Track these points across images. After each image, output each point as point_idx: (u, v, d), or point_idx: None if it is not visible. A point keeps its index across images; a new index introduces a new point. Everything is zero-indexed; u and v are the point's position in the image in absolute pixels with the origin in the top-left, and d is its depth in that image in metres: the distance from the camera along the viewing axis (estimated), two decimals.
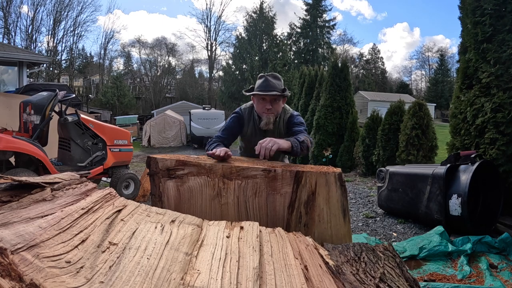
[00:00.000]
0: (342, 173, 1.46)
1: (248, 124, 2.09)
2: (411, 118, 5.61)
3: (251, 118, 2.08)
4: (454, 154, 3.63)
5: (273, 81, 1.96)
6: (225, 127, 2.10)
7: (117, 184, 4.91)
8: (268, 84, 1.94)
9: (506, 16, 3.57)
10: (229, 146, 2.00)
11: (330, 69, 8.59)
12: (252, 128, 2.09)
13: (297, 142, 1.74)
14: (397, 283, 1.00)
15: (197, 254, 0.92)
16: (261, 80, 1.98)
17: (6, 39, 27.87)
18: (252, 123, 2.08)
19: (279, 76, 2.03)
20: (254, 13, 34.48)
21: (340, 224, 1.43)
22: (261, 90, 1.94)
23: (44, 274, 0.65)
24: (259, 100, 1.97)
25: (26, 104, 4.37)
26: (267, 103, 1.95)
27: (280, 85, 1.98)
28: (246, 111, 2.11)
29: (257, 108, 2.02)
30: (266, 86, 1.93)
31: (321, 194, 1.41)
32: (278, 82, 1.98)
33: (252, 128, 2.09)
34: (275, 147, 1.62)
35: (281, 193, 1.43)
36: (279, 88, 1.96)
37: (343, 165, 7.89)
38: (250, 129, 2.09)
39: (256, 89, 1.99)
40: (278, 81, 1.99)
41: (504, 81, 3.55)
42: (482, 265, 2.61)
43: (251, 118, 2.08)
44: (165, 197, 1.49)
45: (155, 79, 36.63)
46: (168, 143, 16.05)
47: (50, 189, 1.03)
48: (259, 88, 1.96)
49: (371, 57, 43.27)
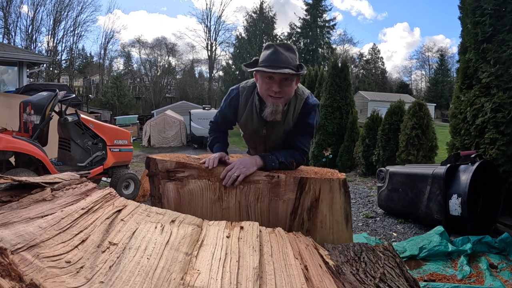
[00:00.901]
0: (346, 179, 1.43)
1: (244, 107, 1.64)
2: (411, 118, 5.62)
3: (249, 100, 1.62)
4: (454, 154, 3.63)
5: (285, 53, 1.44)
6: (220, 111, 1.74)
7: (117, 184, 4.91)
8: (278, 58, 1.42)
9: (506, 16, 3.57)
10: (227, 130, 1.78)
11: (330, 69, 8.59)
12: (248, 114, 1.63)
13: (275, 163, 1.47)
14: (397, 283, 1.00)
15: (197, 254, 0.92)
16: (269, 52, 1.45)
17: (6, 39, 27.91)
18: (250, 107, 1.62)
19: (292, 47, 1.50)
20: (254, 13, 34.52)
21: (342, 230, 1.42)
22: (268, 66, 1.42)
23: (44, 274, 0.65)
24: (264, 79, 1.47)
25: (26, 104, 4.37)
26: (274, 84, 1.44)
27: (295, 60, 1.46)
28: (244, 91, 1.64)
29: (260, 89, 1.52)
30: (276, 60, 1.41)
31: (325, 200, 1.39)
32: (292, 56, 1.46)
33: (249, 114, 1.64)
34: (241, 177, 1.37)
35: (284, 199, 1.41)
36: (293, 64, 1.44)
37: (343, 165, 7.90)
38: (246, 112, 1.64)
39: (261, 63, 1.46)
40: (292, 54, 1.46)
41: (504, 81, 3.55)
42: (482, 265, 2.61)
43: (248, 100, 1.63)
44: (165, 199, 1.48)
45: (155, 79, 36.65)
46: (168, 143, 16.05)
47: (50, 189, 1.03)
48: (265, 62, 1.43)
49: (371, 57, 43.30)
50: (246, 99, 1.63)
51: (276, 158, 1.49)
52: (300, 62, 1.49)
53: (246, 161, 1.44)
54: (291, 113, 1.58)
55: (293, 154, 1.55)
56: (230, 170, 1.40)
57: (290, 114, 1.58)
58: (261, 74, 1.48)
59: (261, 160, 1.46)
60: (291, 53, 1.46)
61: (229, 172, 1.40)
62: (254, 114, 1.62)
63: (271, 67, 1.41)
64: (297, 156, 1.57)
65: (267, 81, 1.46)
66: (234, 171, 1.39)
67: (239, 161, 1.43)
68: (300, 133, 1.60)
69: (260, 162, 1.46)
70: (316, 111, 1.61)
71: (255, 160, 1.45)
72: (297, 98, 1.57)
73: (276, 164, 1.48)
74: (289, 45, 1.49)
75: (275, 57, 1.42)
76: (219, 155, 1.49)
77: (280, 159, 1.49)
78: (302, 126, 1.59)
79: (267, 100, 1.49)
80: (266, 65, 1.42)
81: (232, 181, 1.38)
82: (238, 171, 1.39)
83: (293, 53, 1.47)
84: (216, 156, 1.47)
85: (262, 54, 1.50)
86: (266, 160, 1.47)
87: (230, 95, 1.68)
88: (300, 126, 1.59)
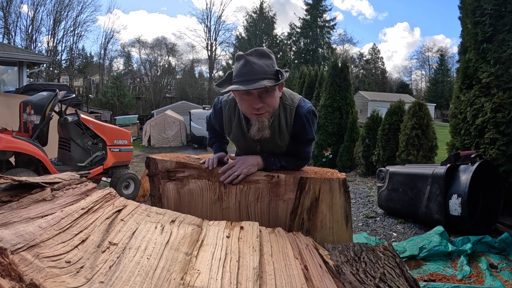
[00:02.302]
0: (346, 179, 1.43)
1: (231, 124, 1.48)
2: (411, 118, 5.62)
3: (233, 117, 1.46)
4: (454, 154, 3.63)
5: (258, 62, 1.24)
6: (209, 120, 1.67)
7: (117, 184, 4.91)
8: (251, 70, 1.23)
9: (506, 16, 3.57)
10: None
11: (330, 69, 8.59)
12: (237, 129, 1.48)
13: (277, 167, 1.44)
14: (397, 283, 1.00)
15: (197, 254, 0.92)
16: (240, 64, 1.26)
17: (6, 39, 27.91)
18: (237, 124, 1.47)
19: (266, 52, 1.30)
20: (254, 13, 34.55)
21: (342, 230, 1.42)
22: (241, 81, 1.23)
23: (44, 274, 0.65)
24: (242, 95, 1.29)
25: (26, 104, 4.37)
26: (254, 100, 1.27)
27: (270, 66, 1.27)
28: (227, 105, 1.47)
29: (241, 107, 1.35)
30: (249, 73, 1.22)
31: (325, 200, 1.39)
32: (268, 62, 1.27)
33: (237, 133, 1.49)
34: (242, 177, 1.35)
35: (284, 199, 1.41)
36: (270, 72, 1.25)
37: (343, 165, 7.90)
38: (234, 131, 1.49)
39: (234, 78, 1.28)
40: (267, 60, 1.27)
41: (504, 81, 3.55)
42: (482, 265, 2.61)
43: (232, 116, 1.47)
44: (164, 199, 1.48)
45: (155, 79, 36.65)
46: (168, 143, 16.05)
47: (50, 189, 1.03)
48: (238, 77, 1.25)
49: (371, 57, 43.31)
50: (229, 116, 1.47)
51: (278, 162, 1.45)
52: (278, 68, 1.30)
53: (248, 160, 1.42)
54: (283, 126, 1.42)
55: (297, 163, 1.51)
56: (231, 168, 1.39)
57: (282, 126, 1.42)
58: (236, 92, 1.31)
59: (262, 162, 1.44)
60: (266, 59, 1.27)
61: (230, 170, 1.39)
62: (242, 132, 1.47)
63: (245, 82, 1.22)
64: (301, 164, 1.53)
65: (245, 98, 1.29)
66: (235, 170, 1.38)
67: (241, 160, 1.42)
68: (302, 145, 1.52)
69: (261, 163, 1.44)
70: (311, 119, 1.45)
71: (257, 160, 1.43)
72: (287, 109, 1.41)
73: (277, 167, 1.46)
74: (262, 50, 1.30)
75: (248, 69, 1.23)
76: (218, 156, 1.47)
77: (281, 162, 1.46)
78: (301, 140, 1.49)
79: (251, 117, 1.34)
80: (239, 80, 1.24)
81: (232, 179, 1.37)
82: (239, 170, 1.38)
83: (269, 58, 1.28)
84: (216, 156, 1.46)
85: (234, 67, 1.31)
86: (267, 162, 1.44)
87: (215, 107, 1.53)
88: (299, 140, 1.49)
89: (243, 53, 1.28)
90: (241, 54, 1.28)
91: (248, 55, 1.26)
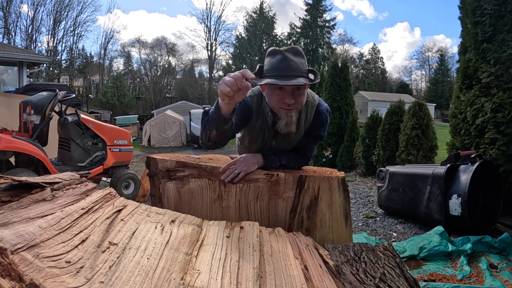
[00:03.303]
0: (345, 177, 1.44)
1: (257, 119, 1.47)
2: (411, 118, 5.62)
3: (261, 112, 1.46)
4: (454, 154, 3.63)
5: (295, 59, 1.27)
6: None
7: (117, 184, 4.91)
8: (288, 66, 1.25)
9: (506, 16, 3.57)
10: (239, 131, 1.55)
11: (330, 69, 8.60)
12: (261, 126, 1.48)
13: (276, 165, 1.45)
14: (397, 283, 1.00)
15: (197, 254, 0.92)
16: (277, 59, 1.27)
17: (6, 39, 27.93)
18: (262, 119, 1.47)
19: (301, 51, 1.32)
20: (254, 13, 34.57)
21: (341, 228, 1.42)
22: (278, 76, 1.24)
23: (44, 274, 0.65)
24: (274, 90, 1.31)
25: (26, 104, 4.37)
26: (286, 96, 1.29)
27: (304, 65, 1.30)
28: (254, 100, 1.45)
29: (270, 101, 1.36)
30: (286, 69, 1.24)
31: (324, 199, 1.40)
32: (302, 61, 1.29)
33: (262, 126, 1.48)
34: (242, 175, 1.37)
35: (284, 197, 1.42)
36: (304, 70, 1.28)
37: (343, 165, 7.90)
38: (258, 126, 1.49)
39: (267, 71, 1.28)
40: (301, 59, 1.30)
41: (504, 81, 3.55)
42: (482, 265, 2.61)
43: (260, 112, 1.46)
44: (165, 198, 1.48)
45: (155, 79, 36.66)
46: (168, 143, 16.05)
47: (50, 189, 1.03)
48: (274, 72, 1.26)
49: (371, 57, 43.33)
50: (257, 110, 1.45)
51: (278, 159, 1.46)
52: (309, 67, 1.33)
53: (248, 159, 1.43)
54: (303, 122, 1.45)
55: (298, 160, 1.52)
56: (231, 167, 1.40)
57: (302, 122, 1.45)
58: (271, 86, 1.31)
59: (262, 160, 1.45)
60: (300, 58, 1.30)
61: (230, 168, 1.40)
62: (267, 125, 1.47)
63: (282, 77, 1.23)
64: (303, 162, 1.54)
65: (277, 92, 1.30)
66: (235, 168, 1.39)
67: (241, 158, 1.43)
68: (311, 141, 1.55)
69: (261, 161, 1.45)
70: (328, 118, 1.50)
71: (257, 159, 1.44)
72: (308, 105, 1.44)
73: (276, 166, 1.47)
74: (297, 49, 1.31)
75: (285, 65, 1.25)
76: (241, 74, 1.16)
77: (282, 161, 1.47)
78: (314, 136, 1.51)
79: (279, 111, 1.35)
80: (276, 74, 1.25)
81: (233, 178, 1.38)
82: (239, 168, 1.39)
83: (302, 57, 1.31)
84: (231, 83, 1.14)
85: (267, 61, 1.32)
86: (267, 160, 1.46)
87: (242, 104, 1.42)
88: (312, 135, 1.51)
89: (280, 49, 1.30)
90: (277, 49, 1.30)
91: (285, 52, 1.28)
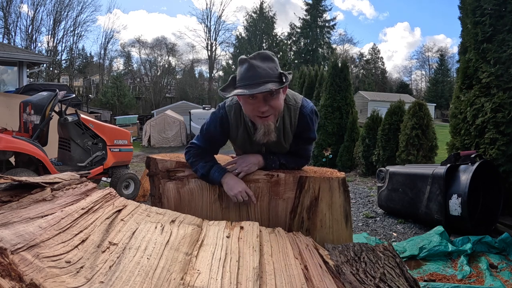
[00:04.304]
0: (345, 178, 1.44)
1: (237, 130, 1.46)
2: (411, 118, 5.61)
3: (241, 122, 1.44)
4: (454, 154, 3.63)
5: (262, 65, 1.24)
6: (206, 133, 1.48)
7: (117, 184, 4.91)
8: (255, 74, 1.22)
9: (506, 16, 3.57)
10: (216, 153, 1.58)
11: (330, 69, 8.59)
12: (243, 135, 1.46)
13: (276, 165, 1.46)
14: (397, 283, 1.00)
15: (197, 254, 0.92)
16: (244, 68, 1.26)
17: (6, 39, 27.91)
18: (243, 128, 1.45)
19: (269, 55, 1.30)
20: (254, 13, 34.55)
21: (342, 229, 1.42)
22: (245, 85, 1.23)
23: (44, 274, 0.65)
24: (247, 99, 1.29)
25: (26, 104, 4.37)
26: (259, 103, 1.26)
27: (274, 69, 1.27)
28: (232, 110, 1.43)
29: (245, 111, 1.35)
30: (253, 77, 1.22)
31: (324, 199, 1.40)
32: (271, 65, 1.27)
33: (244, 136, 1.46)
34: (242, 175, 1.39)
35: (284, 198, 1.42)
36: (274, 75, 1.25)
37: (343, 165, 7.89)
38: (240, 136, 1.47)
39: (238, 82, 1.28)
40: (271, 63, 1.27)
41: (504, 81, 3.55)
42: (482, 265, 2.61)
43: (240, 121, 1.44)
44: (165, 198, 1.48)
45: (155, 79, 36.65)
46: (168, 143, 16.05)
47: (50, 189, 1.03)
48: (242, 81, 1.25)
49: (371, 57, 43.31)
50: (236, 120, 1.44)
51: (278, 159, 1.47)
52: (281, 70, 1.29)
53: (249, 159, 1.43)
54: (288, 126, 1.43)
55: (297, 161, 1.53)
56: (231, 166, 1.41)
57: (287, 127, 1.43)
58: (241, 96, 1.30)
59: (263, 161, 1.46)
60: (269, 62, 1.27)
61: (230, 167, 1.41)
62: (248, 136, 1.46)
63: (249, 86, 1.21)
64: (302, 162, 1.55)
65: (250, 101, 1.28)
66: (235, 167, 1.40)
67: (242, 158, 1.44)
68: (303, 143, 1.53)
69: (262, 162, 1.46)
70: (314, 119, 1.47)
71: (258, 159, 1.45)
72: (291, 109, 1.41)
73: (276, 165, 1.48)
74: (265, 54, 1.29)
75: (252, 73, 1.23)
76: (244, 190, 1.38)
77: (281, 160, 1.48)
78: (304, 138, 1.50)
79: (256, 120, 1.32)
80: (243, 84, 1.24)
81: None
82: (240, 168, 1.40)
83: (272, 61, 1.28)
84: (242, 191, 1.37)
85: (237, 71, 1.31)
86: (267, 161, 1.46)
87: (217, 115, 1.46)
88: (302, 138, 1.49)
89: (246, 57, 1.27)
90: (244, 58, 1.28)
91: (252, 59, 1.26)
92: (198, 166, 1.42)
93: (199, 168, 1.42)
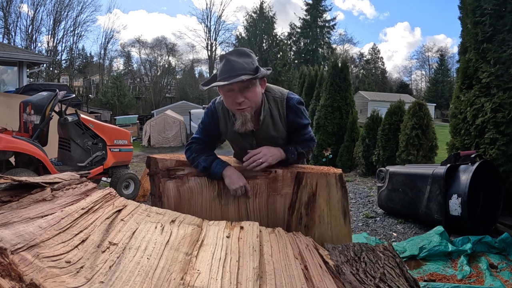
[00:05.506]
0: (342, 174, 1.45)
1: (226, 124, 1.57)
2: (411, 118, 5.61)
3: (228, 116, 1.55)
4: (454, 154, 3.63)
5: (238, 60, 1.35)
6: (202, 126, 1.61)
7: (117, 184, 4.91)
8: (231, 67, 1.33)
9: (506, 16, 3.57)
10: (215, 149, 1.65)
11: (330, 69, 8.59)
12: (231, 129, 1.55)
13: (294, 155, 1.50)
14: (397, 283, 1.00)
15: (197, 254, 0.92)
16: (222, 63, 1.38)
17: (6, 39, 27.93)
18: (231, 123, 1.55)
19: (246, 51, 1.41)
20: (254, 13, 34.55)
21: (340, 225, 1.43)
22: (222, 78, 1.34)
23: (44, 274, 0.65)
24: (226, 93, 1.40)
25: (26, 104, 4.37)
26: (236, 95, 1.36)
27: (250, 63, 1.37)
28: (220, 105, 1.55)
29: (226, 104, 1.46)
30: (230, 70, 1.33)
31: (322, 195, 1.40)
32: (247, 60, 1.37)
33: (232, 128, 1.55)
34: (265, 165, 1.41)
35: (282, 194, 1.43)
36: (249, 69, 1.35)
37: (343, 165, 7.89)
38: (229, 129, 1.56)
39: (218, 77, 1.40)
40: (247, 59, 1.38)
41: (504, 81, 3.55)
42: (482, 265, 2.61)
43: (226, 115, 1.55)
44: (165, 197, 1.49)
45: (155, 79, 36.65)
46: (168, 143, 16.05)
47: (50, 189, 1.03)
48: (220, 76, 1.37)
49: (371, 57, 43.32)
50: (224, 115, 1.55)
51: (295, 149, 1.51)
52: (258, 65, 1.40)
53: (273, 150, 1.46)
54: (277, 118, 1.51)
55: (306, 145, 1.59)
56: (256, 155, 1.42)
57: (276, 118, 1.51)
58: (220, 89, 1.41)
59: (284, 153, 1.49)
60: (245, 58, 1.38)
61: (255, 156, 1.42)
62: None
63: (225, 79, 1.33)
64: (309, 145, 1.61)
65: (229, 95, 1.39)
66: (260, 156, 1.42)
67: (266, 148, 1.45)
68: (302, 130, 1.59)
69: (283, 154, 1.49)
70: (302, 108, 1.56)
71: (280, 152, 1.48)
72: (277, 101, 1.51)
73: (295, 156, 1.51)
74: (241, 50, 1.41)
75: (228, 67, 1.34)
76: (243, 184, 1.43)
77: (298, 149, 1.52)
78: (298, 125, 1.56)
79: (235, 113, 1.44)
80: (221, 78, 1.35)
81: (256, 166, 1.41)
82: (264, 158, 1.41)
83: (248, 57, 1.39)
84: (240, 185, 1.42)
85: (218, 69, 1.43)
86: (287, 153, 1.50)
87: (209, 109, 1.60)
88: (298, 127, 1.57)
89: (224, 54, 1.40)
90: (222, 54, 1.41)
91: (229, 55, 1.38)
92: (200, 159, 1.49)
93: (201, 161, 1.48)
